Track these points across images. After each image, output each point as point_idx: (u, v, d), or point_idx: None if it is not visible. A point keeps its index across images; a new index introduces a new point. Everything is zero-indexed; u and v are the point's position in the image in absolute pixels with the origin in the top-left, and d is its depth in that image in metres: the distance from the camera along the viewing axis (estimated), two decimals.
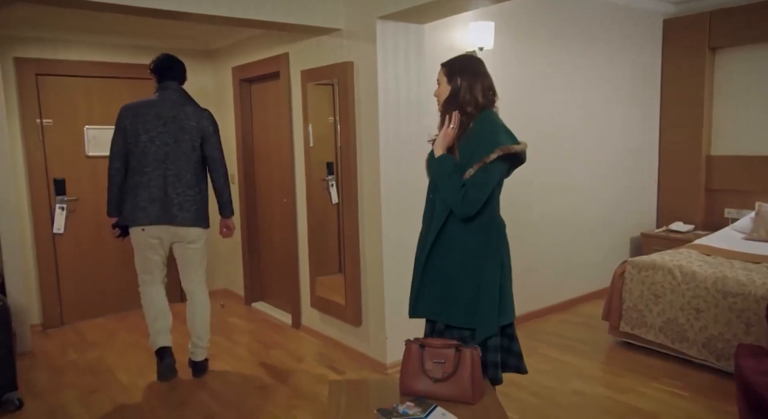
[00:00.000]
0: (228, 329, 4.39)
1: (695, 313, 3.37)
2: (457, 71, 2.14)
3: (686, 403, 3.02)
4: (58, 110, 4.41)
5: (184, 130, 3.25)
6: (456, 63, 2.18)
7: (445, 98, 2.17)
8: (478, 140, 2.05)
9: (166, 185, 3.22)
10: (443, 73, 2.17)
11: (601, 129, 4.81)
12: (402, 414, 1.87)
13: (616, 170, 5.00)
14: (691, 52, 5.05)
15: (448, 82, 2.15)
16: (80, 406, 3.15)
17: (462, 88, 2.12)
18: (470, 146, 2.06)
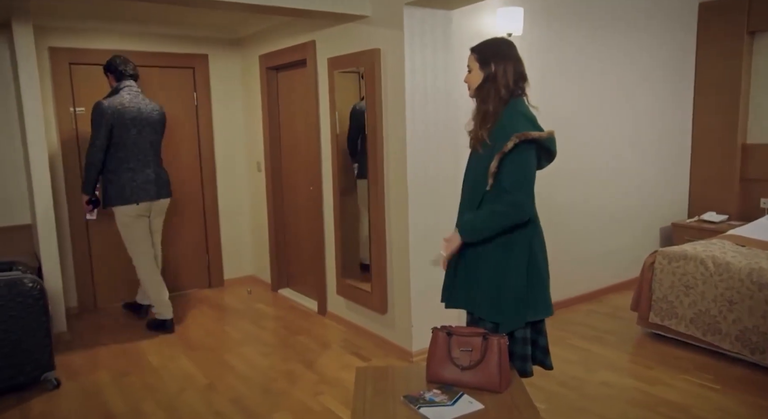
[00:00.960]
0: (255, 315, 4.46)
1: (728, 305, 3.29)
2: (490, 56, 2.07)
3: (718, 396, 2.96)
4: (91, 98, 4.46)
5: (156, 122, 3.97)
6: (488, 48, 2.11)
7: (477, 85, 2.11)
8: (499, 130, 2.01)
9: (156, 168, 3.99)
10: (474, 59, 2.11)
11: (631, 116, 4.70)
12: (429, 401, 1.88)
13: (647, 158, 4.89)
14: (728, 37, 4.89)
15: (480, 68, 2.09)
16: (114, 387, 3.24)
17: (497, 74, 2.05)
18: (494, 138, 2.02)
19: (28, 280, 3.07)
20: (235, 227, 5.32)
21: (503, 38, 2.19)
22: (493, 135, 2.02)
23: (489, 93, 2.06)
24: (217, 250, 5.21)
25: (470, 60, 2.12)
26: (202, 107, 4.99)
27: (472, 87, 2.13)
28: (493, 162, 1.98)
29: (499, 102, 2.05)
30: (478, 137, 2.08)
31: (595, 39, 4.32)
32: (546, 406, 2.82)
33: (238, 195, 5.32)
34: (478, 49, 2.12)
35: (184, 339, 3.97)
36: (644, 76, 4.74)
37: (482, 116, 2.08)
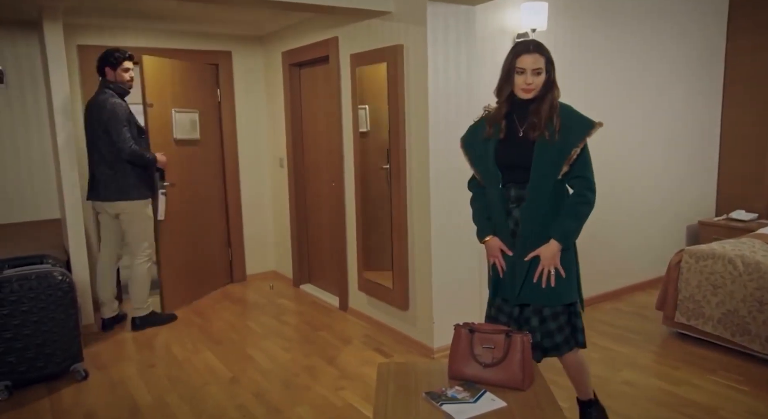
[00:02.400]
0: (276, 310, 4.50)
1: (759, 305, 3.22)
2: (552, 61, 2.18)
3: (747, 398, 2.90)
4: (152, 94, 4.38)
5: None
6: (548, 51, 2.19)
7: (543, 85, 2.17)
8: (567, 123, 2.16)
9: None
10: (544, 61, 2.16)
11: (658, 110, 4.62)
12: (451, 398, 1.87)
13: (673, 154, 4.80)
14: (760, 28, 4.76)
15: (546, 72, 2.16)
16: (140, 379, 3.30)
17: (554, 81, 2.18)
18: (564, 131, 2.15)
19: (57, 273, 3.14)
20: (257, 223, 5.37)
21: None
22: (563, 128, 2.16)
23: (553, 91, 2.18)
24: (239, 245, 5.26)
25: (541, 62, 2.15)
26: (225, 103, 5.04)
27: (538, 89, 2.17)
28: (575, 150, 2.14)
29: (556, 100, 2.20)
30: (544, 129, 2.16)
31: (621, 33, 4.25)
32: (569, 405, 2.79)
33: (260, 191, 5.37)
34: (546, 53, 2.18)
35: (208, 332, 4.02)
36: (672, 70, 4.65)
37: (549, 112, 2.16)
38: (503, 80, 2.22)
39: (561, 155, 2.15)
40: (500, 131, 2.24)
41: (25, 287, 3.04)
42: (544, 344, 2.24)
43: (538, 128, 2.15)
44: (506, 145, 2.23)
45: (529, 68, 2.13)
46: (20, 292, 3.03)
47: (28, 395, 3.11)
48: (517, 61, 2.16)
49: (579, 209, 2.19)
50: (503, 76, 2.22)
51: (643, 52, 4.41)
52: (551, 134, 2.14)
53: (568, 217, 2.19)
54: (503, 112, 2.23)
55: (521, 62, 2.15)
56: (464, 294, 3.57)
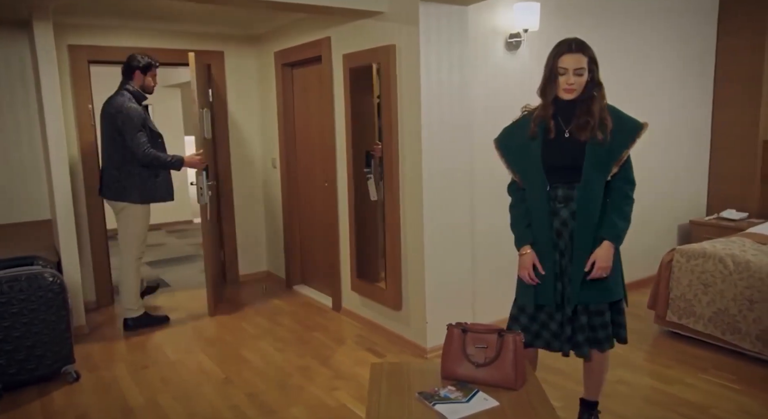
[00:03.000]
0: (270, 310, 4.48)
1: (749, 304, 3.24)
2: (594, 60, 2.16)
3: (739, 396, 2.92)
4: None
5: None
6: (591, 50, 2.17)
7: (586, 86, 2.16)
8: (618, 125, 2.18)
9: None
10: (588, 62, 2.14)
11: (649, 110, 4.63)
12: (444, 397, 1.88)
13: (665, 154, 4.82)
14: (750, 29, 4.79)
15: (589, 71, 2.15)
16: (132, 380, 3.28)
17: (599, 81, 2.18)
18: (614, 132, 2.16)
19: (48, 274, 3.12)
20: (250, 224, 5.35)
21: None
22: (614, 129, 2.17)
23: (601, 91, 2.18)
24: (232, 246, 5.24)
25: (583, 62, 2.13)
26: (217, 103, 5.02)
27: (580, 89, 2.16)
28: (626, 152, 2.18)
29: (604, 100, 2.20)
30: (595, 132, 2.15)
31: (613, 33, 4.27)
32: (562, 404, 2.80)
33: (253, 192, 5.35)
34: (590, 52, 2.16)
35: (201, 333, 4.01)
36: (663, 71, 4.67)
37: (600, 112, 2.17)
38: (546, 81, 2.21)
39: (612, 156, 2.16)
40: (549, 131, 2.21)
41: (15, 289, 3.02)
42: (589, 337, 2.26)
43: (590, 128, 2.14)
44: (553, 145, 2.21)
45: (571, 68, 2.12)
46: (10, 294, 3.00)
47: (19, 397, 3.08)
48: (559, 61, 2.14)
49: (626, 210, 2.22)
50: (546, 76, 2.21)
51: (635, 52, 4.44)
52: (604, 136, 2.14)
53: (618, 218, 2.20)
54: (550, 112, 2.22)
55: (563, 62, 2.13)
56: (457, 294, 3.57)
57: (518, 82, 3.78)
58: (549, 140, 2.21)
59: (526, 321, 2.30)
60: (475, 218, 3.65)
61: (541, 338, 2.31)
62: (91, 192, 4.49)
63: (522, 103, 3.81)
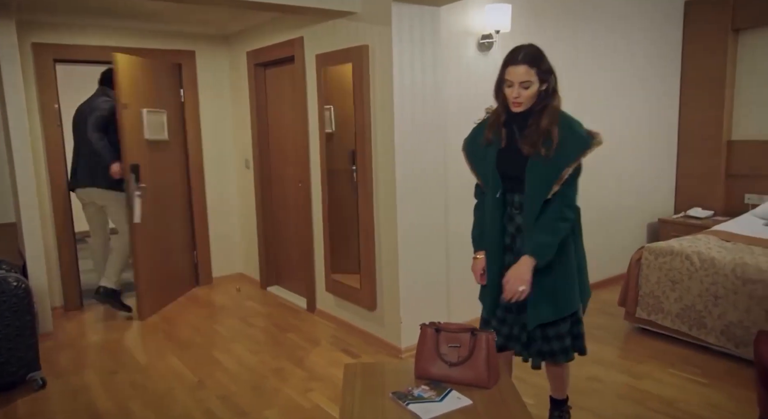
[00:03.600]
0: (244, 312, 4.44)
1: (714, 300, 3.33)
2: (547, 69, 2.03)
3: (705, 390, 2.99)
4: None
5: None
6: (542, 59, 2.03)
7: (535, 98, 2.04)
8: (565, 139, 2.05)
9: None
10: (535, 73, 2.00)
11: (619, 112, 4.73)
12: (417, 397, 1.88)
13: (634, 155, 4.92)
14: (713, 34, 4.93)
15: (541, 82, 2.02)
16: (101, 387, 3.21)
17: (555, 85, 2.06)
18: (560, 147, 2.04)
19: (12, 279, 3.03)
20: (223, 225, 5.29)
21: (534, 44, 2.13)
22: (559, 145, 2.04)
23: (552, 103, 2.05)
24: (205, 248, 5.18)
25: (529, 74, 2.00)
26: (189, 103, 4.95)
27: (528, 102, 2.04)
28: (567, 170, 2.04)
29: (556, 112, 2.06)
30: (540, 145, 2.04)
31: (583, 36, 4.34)
32: (535, 401, 2.84)
33: (226, 192, 5.29)
34: (537, 62, 2.02)
35: (173, 337, 3.94)
36: (632, 73, 4.77)
37: (547, 125, 2.04)
38: (496, 88, 2.12)
39: (553, 173, 2.04)
40: (500, 139, 2.13)
41: None
42: (543, 349, 2.22)
43: (532, 143, 2.04)
44: (506, 153, 2.13)
45: (517, 81, 2.00)
46: None
47: None
48: (506, 72, 2.03)
49: (555, 224, 2.07)
50: (496, 84, 2.11)
51: (605, 54, 4.52)
52: (547, 150, 2.02)
53: (544, 231, 2.07)
54: (502, 119, 2.13)
55: (509, 74, 2.02)
56: (432, 294, 3.59)
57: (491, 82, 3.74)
58: (503, 147, 2.14)
59: (495, 324, 2.29)
60: (449, 218, 3.67)
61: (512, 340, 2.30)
62: (57, 194, 4.38)
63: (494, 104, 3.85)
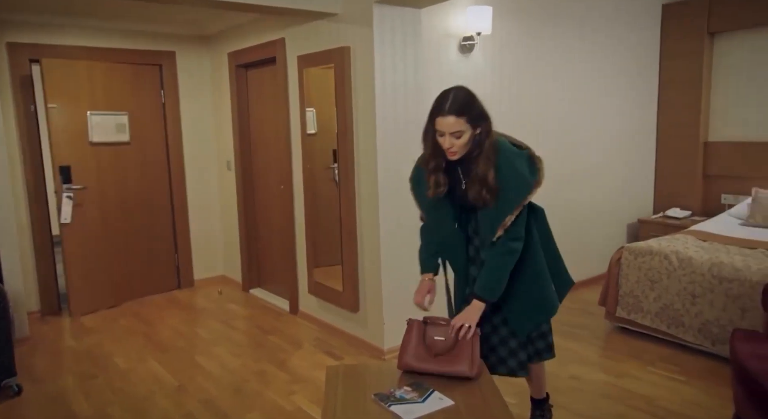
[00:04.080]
0: (226, 315, 4.40)
1: (691, 298, 3.38)
2: (478, 113, 1.95)
3: (682, 387, 3.04)
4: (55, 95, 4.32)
5: None
6: (471, 105, 1.95)
7: (469, 146, 1.97)
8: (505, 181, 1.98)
9: None
10: (465, 121, 1.92)
11: (599, 114, 4.79)
12: (399, 398, 1.88)
13: (614, 156, 4.98)
14: (689, 37, 5.02)
15: (472, 128, 1.95)
16: (79, 392, 3.16)
17: (487, 128, 1.97)
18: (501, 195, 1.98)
19: None
20: (205, 227, 5.24)
21: (463, 87, 2.02)
22: (499, 190, 1.98)
23: (485, 149, 1.97)
24: (186, 250, 5.12)
25: (460, 124, 1.92)
26: (169, 104, 4.90)
27: (463, 150, 1.98)
28: (510, 218, 1.98)
29: (494, 153, 1.97)
30: (486, 198, 1.99)
31: (563, 38, 4.38)
32: (517, 401, 2.85)
33: (207, 194, 5.25)
34: (467, 111, 1.93)
35: (153, 340, 3.90)
36: (611, 74, 4.83)
37: (484, 175, 1.97)
38: (425, 136, 2.04)
39: (497, 220, 2.01)
40: (446, 183, 2.06)
41: None
42: (529, 352, 2.25)
43: (475, 194, 2.01)
44: (455, 191, 2.10)
45: (447, 131, 1.92)
46: None
47: None
48: (435, 122, 1.95)
49: (502, 260, 2.04)
50: (424, 132, 2.03)
51: (584, 55, 4.57)
52: (490, 197, 1.99)
53: (491, 271, 2.05)
54: (443, 166, 2.05)
55: (438, 124, 1.94)
56: None
57: (472, 84, 3.78)
58: (450, 191, 2.10)
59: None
60: None
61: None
62: (34, 197, 4.30)
63: None
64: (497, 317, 2.21)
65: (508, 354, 2.23)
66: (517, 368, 2.24)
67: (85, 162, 4.43)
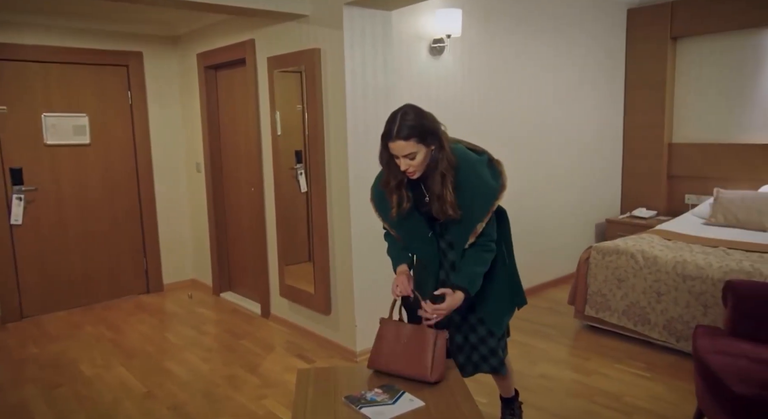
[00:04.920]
0: (196, 319, 4.34)
1: (657, 296, 3.46)
2: (428, 131, 1.94)
3: (648, 383, 3.11)
4: (15, 96, 4.24)
5: None
6: (420, 125, 1.93)
7: (425, 164, 1.97)
8: (467, 191, 2.00)
9: None
10: (416, 142, 1.92)
11: (568, 116, 4.87)
12: (370, 400, 1.88)
13: (583, 157, 5.07)
14: (653, 41, 5.15)
15: (425, 147, 1.95)
16: (43, 402, 3.07)
17: (441, 141, 1.97)
18: (467, 206, 2.01)
19: None
20: (174, 230, 5.16)
21: (412, 106, 2.00)
22: (464, 201, 2.00)
23: (440, 164, 1.97)
24: (155, 254, 5.03)
25: (411, 146, 1.92)
26: (137, 106, 4.81)
27: (421, 167, 1.98)
28: (480, 225, 2.02)
29: (450, 166, 1.98)
30: (448, 212, 2.00)
31: (532, 40, 4.45)
32: (487, 400, 2.88)
33: (176, 197, 5.17)
34: (417, 133, 1.91)
35: (120, 346, 3.81)
36: (578, 77, 4.92)
37: (440, 193, 1.99)
38: (380, 159, 2.04)
39: (467, 229, 2.03)
40: (405, 201, 2.06)
41: None
42: (491, 362, 2.26)
43: (438, 209, 2.02)
44: (420, 205, 2.10)
45: (401, 154, 1.94)
46: None
47: None
48: (388, 145, 1.96)
49: (482, 255, 2.08)
50: (380, 154, 2.03)
51: (552, 59, 4.64)
52: (453, 211, 2.00)
53: (474, 262, 2.07)
54: (405, 183, 2.04)
55: (391, 148, 1.95)
56: (386, 297, 3.57)
57: (442, 86, 3.86)
58: (416, 205, 2.11)
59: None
60: None
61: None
62: None
63: (446, 107, 3.92)
64: (473, 316, 2.23)
65: (489, 353, 2.26)
66: (498, 366, 2.27)
67: (39, 164, 4.37)
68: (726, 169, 4.88)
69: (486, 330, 2.24)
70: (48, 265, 4.48)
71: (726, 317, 2.62)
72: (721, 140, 4.96)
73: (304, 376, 2.09)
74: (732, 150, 4.86)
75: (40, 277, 4.46)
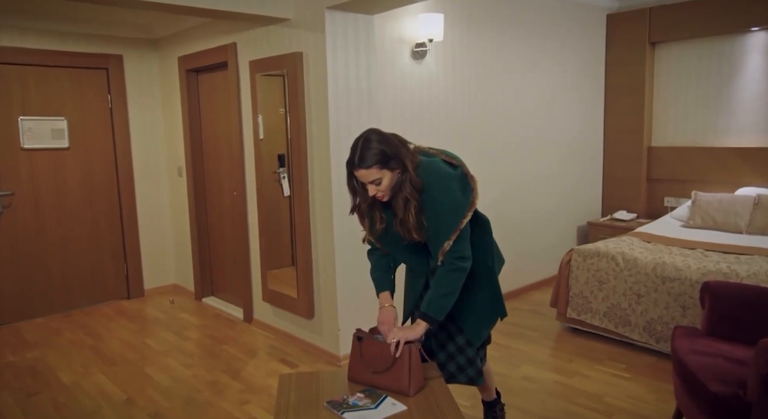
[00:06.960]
0: (178, 325, 4.29)
1: (636, 298, 3.50)
2: (390, 156, 1.94)
3: (628, 384, 3.14)
4: None
5: None
6: (382, 152, 1.93)
7: (392, 186, 1.97)
8: (436, 207, 1.99)
9: None
10: (379, 169, 1.92)
11: (549, 119, 4.92)
12: (352, 405, 1.87)
13: (564, 160, 5.13)
14: (632, 46, 5.22)
15: (390, 171, 1.95)
16: (18, 410, 3.01)
17: (403, 163, 1.96)
18: (432, 218, 2.00)
19: None
20: (155, 235, 5.11)
21: (373, 130, 2.02)
22: (431, 218, 1.99)
23: (404, 188, 1.96)
24: (136, 259, 4.98)
25: (375, 173, 1.93)
26: (117, 109, 4.76)
27: (390, 190, 1.98)
28: (448, 243, 1.99)
29: (414, 189, 1.97)
30: (412, 236, 2.02)
31: (513, 45, 4.49)
32: (470, 403, 2.89)
33: (158, 202, 5.12)
34: (380, 160, 1.92)
35: (100, 353, 3.76)
36: (560, 80, 4.97)
37: (403, 218, 2.00)
38: (348, 185, 2.07)
39: (436, 245, 2.03)
40: (378, 222, 2.08)
41: None
42: (469, 372, 2.25)
43: (405, 231, 2.03)
44: (392, 226, 2.09)
45: (367, 181, 1.96)
46: None
47: None
48: (353, 173, 1.99)
49: (450, 276, 2.04)
50: (347, 181, 2.06)
51: (533, 63, 4.69)
52: (421, 232, 2.01)
53: (440, 286, 2.04)
54: (376, 203, 2.06)
55: (357, 176, 1.98)
56: (370, 300, 3.58)
57: (425, 90, 3.88)
58: (390, 223, 2.10)
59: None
60: None
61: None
62: None
63: (428, 111, 3.94)
64: (453, 325, 2.22)
65: (467, 363, 2.24)
66: (476, 377, 2.25)
67: (15, 168, 4.31)
68: (703, 172, 4.97)
69: (464, 339, 2.23)
70: (25, 271, 4.40)
71: (703, 317, 2.67)
72: (699, 143, 5.04)
73: (285, 381, 2.08)
74: (709, 153, 4.94)
75: (17, 283, 4.38)
